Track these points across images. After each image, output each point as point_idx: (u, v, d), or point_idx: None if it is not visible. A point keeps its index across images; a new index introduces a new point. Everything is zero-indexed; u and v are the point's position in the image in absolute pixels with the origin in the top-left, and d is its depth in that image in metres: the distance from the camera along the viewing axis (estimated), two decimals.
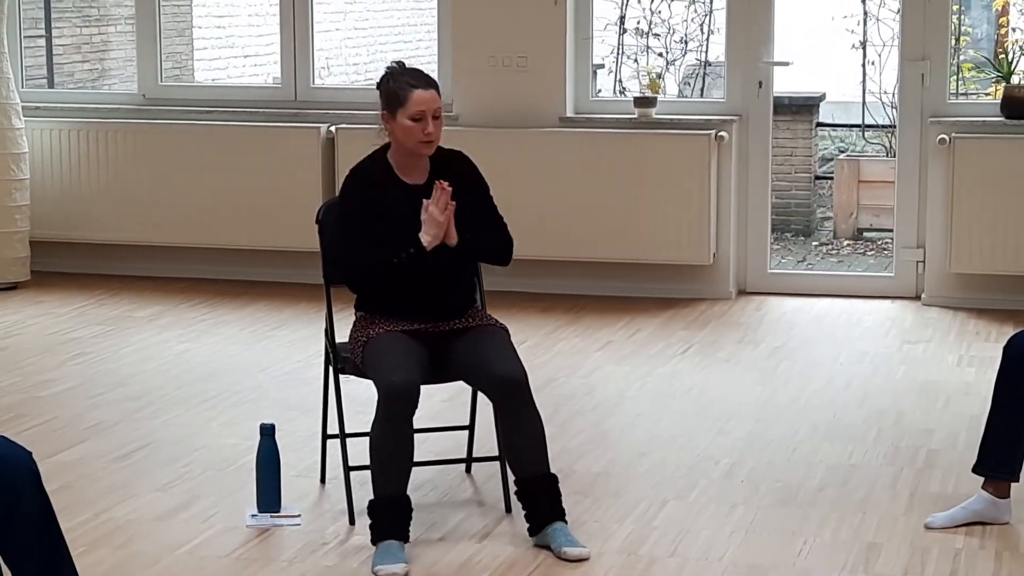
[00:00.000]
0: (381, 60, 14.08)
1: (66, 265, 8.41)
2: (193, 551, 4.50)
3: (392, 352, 4.52)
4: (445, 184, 4.53)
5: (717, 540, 4.56)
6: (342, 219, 4.66)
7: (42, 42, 10.76)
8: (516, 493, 4.55)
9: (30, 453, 3.55)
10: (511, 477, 4.61)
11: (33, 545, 3.53)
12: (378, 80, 4.68)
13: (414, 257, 4.53)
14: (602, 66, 10.40)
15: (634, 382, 6.34)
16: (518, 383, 4.48)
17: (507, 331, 4.71)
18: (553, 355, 6.74)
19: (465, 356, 4.60)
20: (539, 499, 4.50)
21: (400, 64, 4.68)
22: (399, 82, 4.59)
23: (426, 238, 4.53)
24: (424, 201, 4.53)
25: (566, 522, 4.50)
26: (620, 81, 10.71)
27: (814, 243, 10.69)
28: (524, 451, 4.50)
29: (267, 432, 4.74)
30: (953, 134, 7.50)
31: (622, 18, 10.64)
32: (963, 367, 6.56)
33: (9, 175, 8.06)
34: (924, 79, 7.65)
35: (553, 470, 4.55)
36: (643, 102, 7.89)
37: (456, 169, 4.68)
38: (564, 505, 4.53)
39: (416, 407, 4.43)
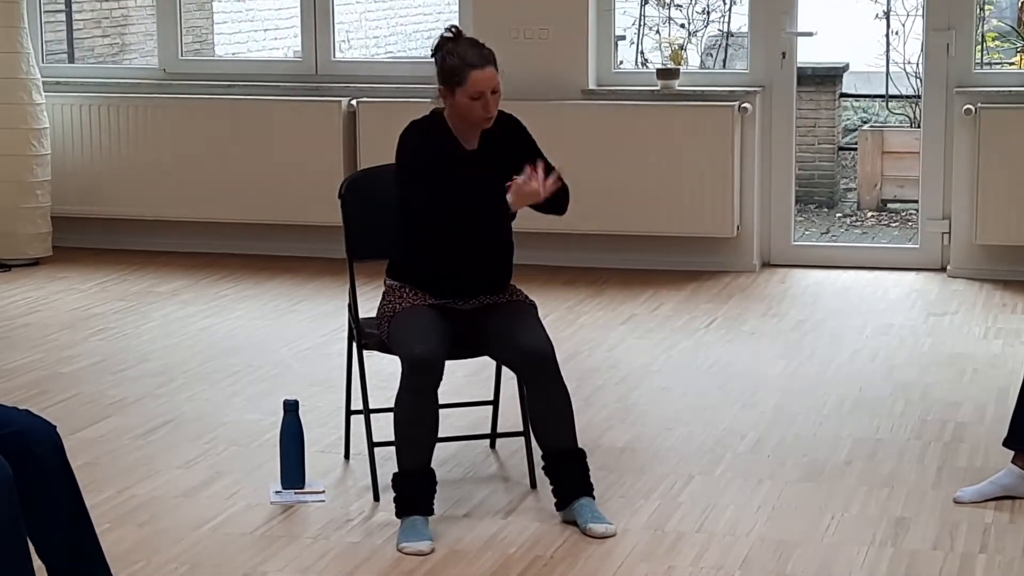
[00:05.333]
0: (401, 32, 14.04)
1: (88, 240, 8.40)
2: (217, 528, 4.48)
3: (417, 325, 4.49)
4: (539, 175, 4.47)
5: (744, 515, 4.54)
6: (401, 170, 4.59)
7: (62, 17, 10.73)
8: (543, 468, 4.53)
9: (54, 427, 3.54)
10: (537, 452, 4.59)
11: (58, 520, 3.52)
12: (433, 48, 4.60)
13: (476, 212, 4.50)
14: (623, 37, 10.34)
15: (658, 356, 6.31)
16: (545, 357, 4.45)
17: (535, 306, 4.68)
18: (576, 329, 6.71)
19: (492, 331, 4.57)
20: (566, 474, 4.48)
21: (455, 33, 4.59)
22: (456, 59, 4.51)
23: (511, 198, 4.48)
24: (516, 179, 4.47)
25: (593, 498, 4.48)
26: (642, 53, 10.66)
27: (838, 215, 10.63)
28: (551, 426, 4.48)
29: (291, 408, 4.72)
30: (979, 104, 7.44)
31: None
32: (989, 339, 6.51)
33: (30, 150, 8.05)
34: (949, 49, 7.58)
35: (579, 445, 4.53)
36: (665, 74, 7.84)
37: (508, 132, 4.66)
38: (591, 481, 4.51)
39: (440, 379, 4.41)
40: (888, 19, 11.23)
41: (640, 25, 10.69)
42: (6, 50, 7.99)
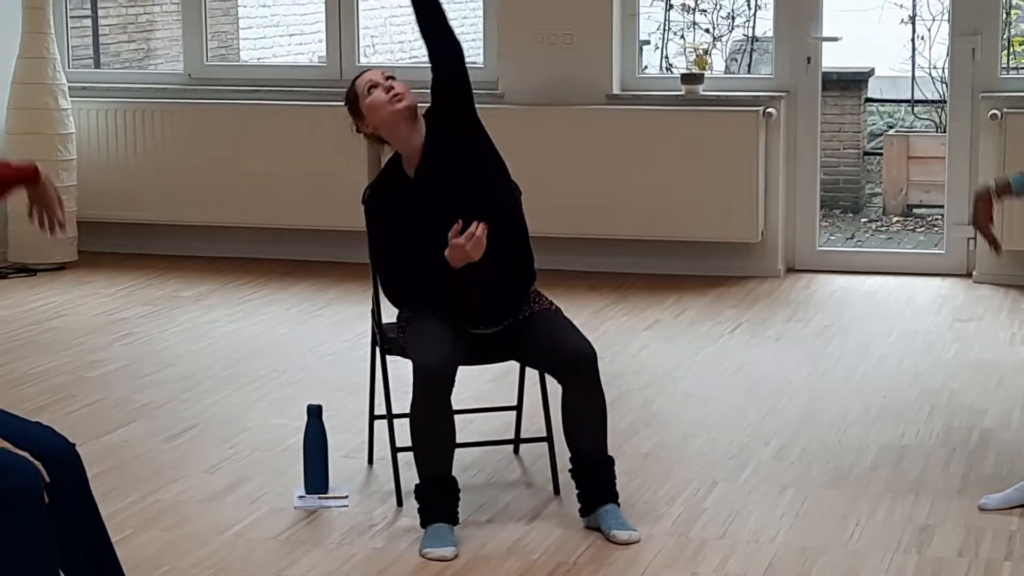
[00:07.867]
0: None
1: (113, 245, 8.43)
2: (241, 533, 4.49)
3: (430, 331, 4.46)
4: (473, 230, 4.40)
5: (768, 522, 4.52)
6: (369, 240, 4.63)
7: (88, 22, 10.77)
8: (570, 472, 4.51)
9: (73, 445, 3.50)
10: (561, 457, 4.58)
11: (76, 537, 3.49)
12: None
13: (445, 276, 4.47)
14: (648, 42, 10.33)
15: (682, 361, 6.30)
16: (591, 360, 4.43)
17: (561, 311, 4.66)
18: (600, 334, 6.70)
19: (529, 341, 4.52)
20: (594, 479, 4.46)
21: None
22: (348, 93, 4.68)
23: (448, 256, 4.45)
24: (452, 233, 4.41)
25: (619, 505, 4.46)
26: (666, 58, 10.65)
27: (863, 220, 10.61)
28: (586, 429, 4.46)
29: (314, 413, 4.73)
30: (1005, 109, 7.41)
31: None
32: (1016, 345, 6.48)
33: (56, 155, 8.07)
34: (975, 53, 7.56)
35: None
36: (690, 79, 7.83)
37: (439, 125, 4.59)
38: (616, 488, 4.49)
39: (452, 385, 4.38)
40: (914, 24, 11.20)
41: (664, 30, 10.68)
42: (32, 55, 8.03)
